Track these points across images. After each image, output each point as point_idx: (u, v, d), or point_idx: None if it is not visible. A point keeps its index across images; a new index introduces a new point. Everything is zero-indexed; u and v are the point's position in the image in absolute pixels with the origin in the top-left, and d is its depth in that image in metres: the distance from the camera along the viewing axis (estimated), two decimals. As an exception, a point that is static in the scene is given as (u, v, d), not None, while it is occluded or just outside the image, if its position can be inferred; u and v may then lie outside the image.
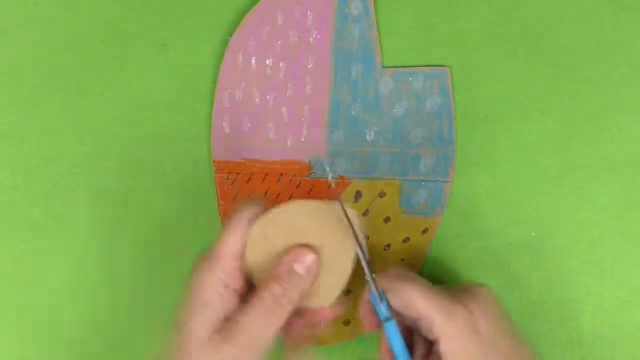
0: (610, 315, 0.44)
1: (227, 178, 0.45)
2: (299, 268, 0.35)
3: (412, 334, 0.38)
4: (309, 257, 0.35)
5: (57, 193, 0.46)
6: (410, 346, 0.38)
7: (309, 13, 0.45)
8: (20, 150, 0.46)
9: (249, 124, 0.45)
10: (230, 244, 0.35)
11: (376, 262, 0.44)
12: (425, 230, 0.44)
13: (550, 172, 0.44)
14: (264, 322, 0.34)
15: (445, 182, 0.44)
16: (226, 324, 0.34)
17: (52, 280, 0.46)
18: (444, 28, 0.45)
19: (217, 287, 0.34)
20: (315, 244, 0.36)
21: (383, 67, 0.45)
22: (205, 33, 0.46)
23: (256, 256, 0.35)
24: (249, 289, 0.36)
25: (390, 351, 0.36)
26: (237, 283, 0.35)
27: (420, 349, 0.38)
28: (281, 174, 0.45)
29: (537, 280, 0.44)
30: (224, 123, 0.45)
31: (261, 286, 0.35)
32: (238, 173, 0.45)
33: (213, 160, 0.45)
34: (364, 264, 0.36)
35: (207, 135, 0.46)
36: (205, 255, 0.36)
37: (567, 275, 0.44)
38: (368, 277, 0.36)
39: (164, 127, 0.46)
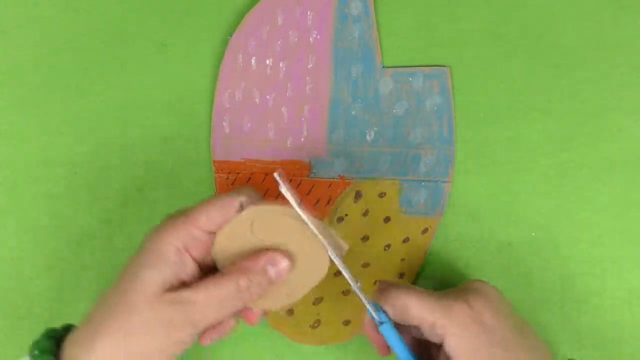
0: (610, 315, 0.44)
1: (227, 178, 0.45)
2: (271, 270, 0.35)
3: (427, 345, 0.38)
4: (283, 264, 0.35)
5: (57, 193, 0.46)
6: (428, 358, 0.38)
7: (309, 13, 0.45)
8: (20, 150, 0.46)
9: (249, 124, 0.45)
10: (210, 217, 0.34)
11: (376, 262, 0.45)
12: (425, 230, 0.44)
13: (550, 172, 0.44)
14: (218, 305, 0.33)
15: (445, 182, 0.44)
16: (180, 290, 0.33)
17: (52, 280, 0.46)
18: (444, 28, 0.45)
19: (179, 247, 0.34)
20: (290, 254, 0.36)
21: (383, 67, 0.45)
22: (205, 33, 0.46)
23: (229, 241, 0.35)
24: (208, 269, 0.36)
25: None
26: (199, 254, 0.35)
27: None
28: (281, 174, 0.45)
29: (537, 280, 0.44)
30: (224, 123, 0.45)
31: (228, 272, 0.34)
32: (238, 173, 0.45)
33: (213, 160, 0.45)
34: (348, 278, 0.35)
35: (207, 135, 0.46)
36: (177, 216, 0.35)
37: (567, 275, 0.44)
38: (354, 287, 0.36)
39: (164, 127, 0.46)
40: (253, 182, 0.45)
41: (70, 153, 0.46)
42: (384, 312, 0.36)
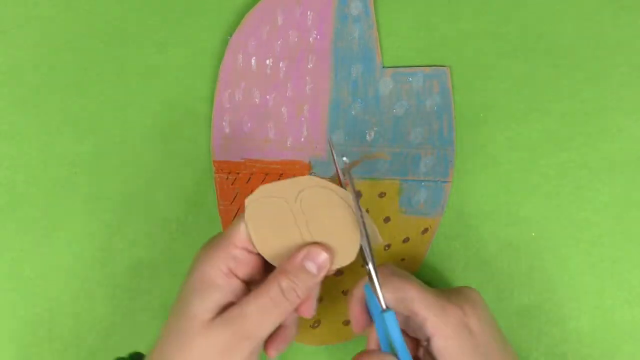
0: (610, 315, 0.44)
1: (227, 178, 0.45)
2: (311, 266, 0.35)
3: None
4: (322, 257, 0.35)
5: (57, 193, 0.46)
6: None
7: (309, 13, 0.45)
8: (20, 150, 0.46)
9: (249, 124, 0.45)
10: (243, 233, 0.35)
11: (376, 262, 0.44)
12: (425, 230, 0.44)
13: (550, 172, 0.44)
14: (267, 312, 0.34)
15: (445, 182, 0.44)
16: (229, 309, 0.34)
17: (52, 280, 0.46)
18: (444, 28, 0.45)
19: (223, 270, 0.34)
20: (324, 222, 0.35)
21: (383, 67, 0.45)
22: (205, 33, 0.46)
23: (268, 198, 0.35)
24: (256, 279, 0.36)
25: (378, 347, 0.37)
26: (245, 273, 0.35)
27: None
28: (281, 174, 0.45)
29: (537, 280, 0.44)
30: (224, 123, 0.45)
31: (270, 277, 0.35)
32: (238, 173, 0.45)
33: (213, 160, 0.45)
34: (367, 253, 0.36)
35: (207, 135, 0.46)
36: (216, 239, 0.36)
37: (567, 275, 0.44)
38: (371, 267, 0.36)
39: (164, 127, 0.46)
40: (253, 182, 0.45)
41: (70, 153, 0.46)
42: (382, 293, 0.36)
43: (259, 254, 0.35)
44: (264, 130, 0.45)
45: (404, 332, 0.37)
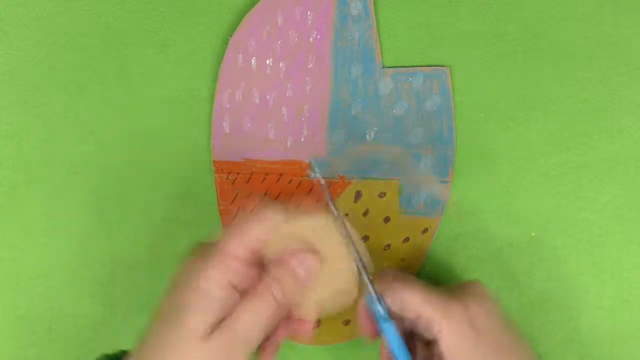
0: (610, 315, 0.44)
1: (227, 178, 0.45)
2: (300, 269, 0.35)
3: (412, 338, 0.38)
4: (311, 259, 0.35)
5: (57, 193, 0.46)
6: (411, 351, 0.38)
7: (309, 13, 0.45)
8: (20, 150, 0.46)
9: (249, 124, 0.45)
10: (244, 245, 0.35)
11: (376, 262, 0.44)
12: (425, 230, 0.44)
13: (550, 172, 0.44)
14: (262, 321, 0.34)
15: (445, 182, 0.44)
16: (224, 322, 0.33)
17: (52, 280, 0.46)
18: (444, 28, 0.45)
19: (223, 284, 0.34)
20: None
21: (383, 67, 0.45)
22: (205, 33, 0.46)
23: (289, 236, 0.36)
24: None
25: (391, 356, 0.36)
26: (242, 284, 0.35)
27: (421, 354, 0.37)
28: (281, 174, 0.45)
29: (537, 280, 0.44)
30: (224, 123, 0.45)
31: (261, 286, 0.34)
32: (238, 173, 0.45)
33: (213, 160, 0.45)
34: (359, 266, 0.36)
35: (207, 135, 0.46)
36: (208, 250, 0.35)
37: (567, 275, 0.44)
38: (365, 278, 0.36)
39: (164, 127, 0.46)
40: (253, 182, 0.45)
41: (70, 153, 0.46)
42: (384, 301, 0.36)
43: (256, 265, 0.35)
44: (264, 130, 0.45)
45: (418, 337, 0.37)
